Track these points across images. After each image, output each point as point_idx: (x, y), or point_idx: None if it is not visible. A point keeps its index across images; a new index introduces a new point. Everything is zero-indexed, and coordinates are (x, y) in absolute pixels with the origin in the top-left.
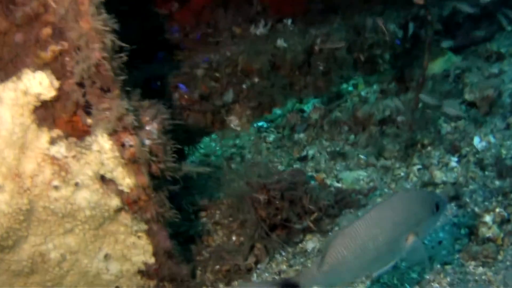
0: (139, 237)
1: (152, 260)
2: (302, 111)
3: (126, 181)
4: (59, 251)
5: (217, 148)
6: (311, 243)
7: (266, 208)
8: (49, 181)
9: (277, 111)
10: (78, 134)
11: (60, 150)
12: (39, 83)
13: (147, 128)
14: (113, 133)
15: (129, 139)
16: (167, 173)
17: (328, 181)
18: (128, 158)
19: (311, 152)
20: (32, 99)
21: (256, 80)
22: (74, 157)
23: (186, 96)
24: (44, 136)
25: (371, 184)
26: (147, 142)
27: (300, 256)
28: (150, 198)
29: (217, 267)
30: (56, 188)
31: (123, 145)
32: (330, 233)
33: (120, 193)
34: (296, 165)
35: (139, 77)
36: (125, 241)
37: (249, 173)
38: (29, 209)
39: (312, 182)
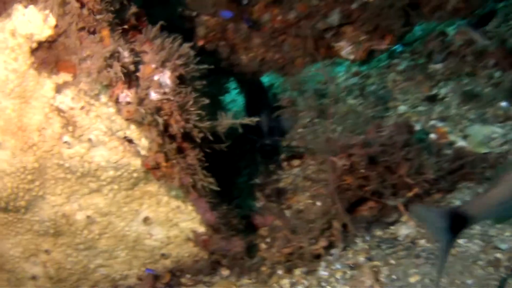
0: (183, 200)
1: (202, 229)
2: (445, 34)
3: (142, 142)
4: (85, 213)
5: (341, 74)
6: (405, 228)
7: (349, 175)
8: (59, 136)
9: (417, 31)
10: None
11: (65, 100)
12: (28, 21)
13: (155, 77)
14: (108, 86)
15: (125, 94)
16: (195, 133)
17: (452, 137)
18: (126, 118)
19: (443, 91)
20: (24, 41)
21: None
22: (82, 108)
23: (279, 17)
24: (48, 83)
25: (504, 147)
26: (155, 96)
27: (387, 244)
28: (173, 165)
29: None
30: (67, 144)
31: (117, 101)
32: None
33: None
34: (421, 108)
35: None
36: (169, 203)
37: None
38: (38, 167)
39: (428, 136)
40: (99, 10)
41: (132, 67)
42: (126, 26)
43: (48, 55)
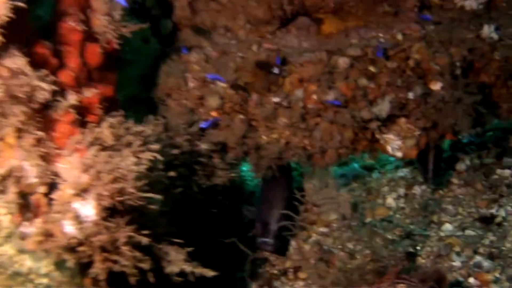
0: None
1: None
2: None
3: None
4: None
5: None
6: None
7: None
8: None
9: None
10: None
11: None
12: None
13: (73, 206)
14: None
15: (29, 224)
16: (128, 275)
17: None
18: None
19: (503, 213)
20: None
21: (436, 86)
22: None
23: (315, 97)
24: None
25: None
26: (70, 231)
27: None
28: None
29: None
30: None
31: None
32: None
33: None
34: (470, 231)
35: None
36: None
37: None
38: None
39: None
40: None
41: (41, 190)
42: (54, 125)
43: None
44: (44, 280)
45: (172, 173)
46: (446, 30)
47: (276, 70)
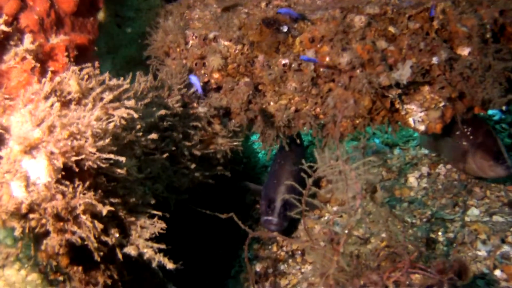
0: None
1: None
2: None
3: None
4: None
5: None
6: None
7: None
8: None
9: None
10: None
11: None
12: None
13: (22, 165)
14: None
15: None
16: (92, 249)
17: None
18: None
19: None
20: None
21: (464, 51)
22: None
23: (328, 59)
24: None
25: None
26: (19, 194)
27: None
28: None
29: None
30: None
31: None
32: None
33: None
34: (497, 217)
35: None
36: None
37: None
38: None
39: (490, 273)
40: None
41: None
42: (8, 72)
43: None
44: None
45: (154, 136)
46: None
47: (285, 28)
